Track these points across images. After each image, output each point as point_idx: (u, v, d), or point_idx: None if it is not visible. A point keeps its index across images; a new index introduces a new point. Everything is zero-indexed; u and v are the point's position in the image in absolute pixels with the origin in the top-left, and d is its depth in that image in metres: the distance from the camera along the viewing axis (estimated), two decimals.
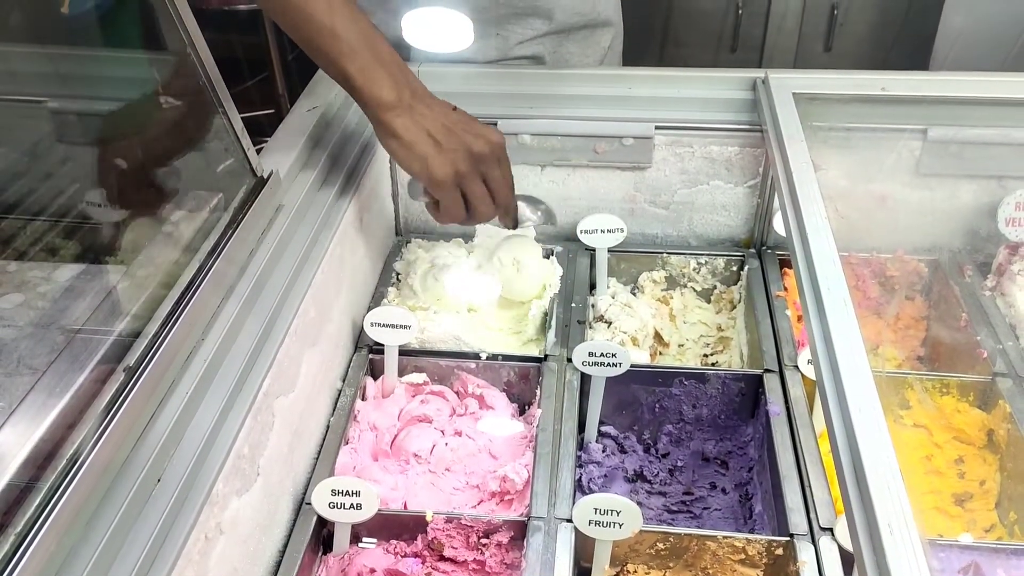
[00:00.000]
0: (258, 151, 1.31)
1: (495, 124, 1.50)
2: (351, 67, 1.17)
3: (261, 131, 2.35)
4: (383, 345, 1.30)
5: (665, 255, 1.57)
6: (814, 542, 1.05)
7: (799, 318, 1.38)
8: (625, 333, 1.43)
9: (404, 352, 1.33)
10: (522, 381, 1.36)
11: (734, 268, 1.56)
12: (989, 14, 2.45)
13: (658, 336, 1.49)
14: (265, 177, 1.19)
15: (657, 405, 1.36)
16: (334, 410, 1.27)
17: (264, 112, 3.28)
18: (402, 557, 1.12)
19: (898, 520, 0.74)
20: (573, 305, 1.45)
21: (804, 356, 1.28)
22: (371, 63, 1.18)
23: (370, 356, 1.35)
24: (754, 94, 1.46)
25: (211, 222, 1.12)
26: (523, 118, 1.51)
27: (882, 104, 1.41)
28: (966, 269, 1.43)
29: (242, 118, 1.18)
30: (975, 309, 1.36)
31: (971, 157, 1.41)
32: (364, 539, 1.14)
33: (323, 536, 1.12)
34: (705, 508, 1.27)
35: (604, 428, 1.35)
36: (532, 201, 1.38)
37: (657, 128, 1.49)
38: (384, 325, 1.29)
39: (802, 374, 1.28)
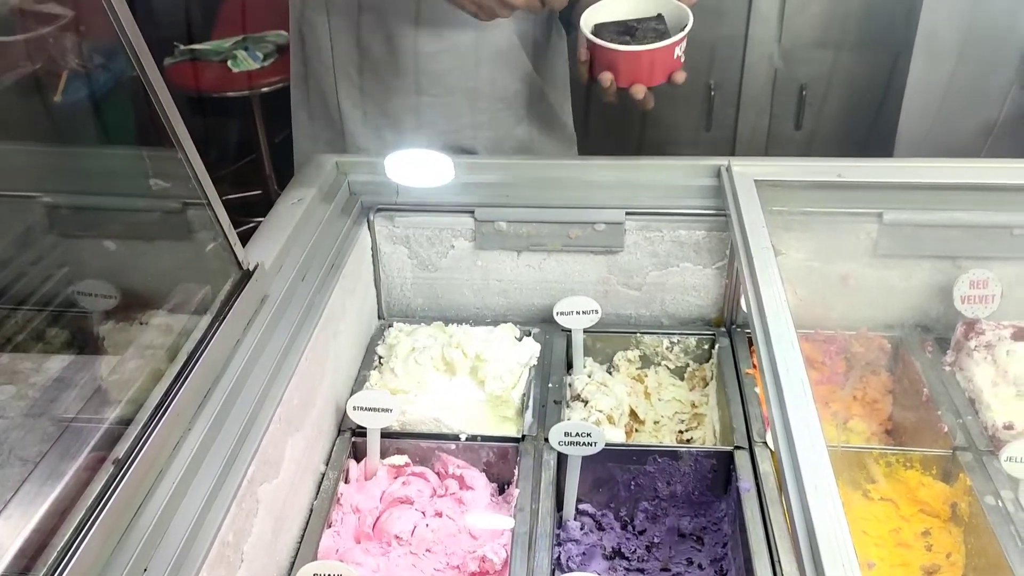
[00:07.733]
0: (248, 233, 1.36)
1: (472, 212, 1.57)
2: None
3: (250, 212, 2.43)
4: (366, 428, 1.34)
5: (639, 335, 1.62)
6: None
7: None
8: (601, 412, 1.47)
9: (386, 434, 1.37)
10: (501, 461, 1.39)
11: (706, 346, 1.61)
12: (952, 107, 2.51)
13: (633, 414, 1.53)
14: (251, 270, 1.24)
15: (633, 482, 1.39)
16: (317, 493, 1.30)
17: (252, 193, 3.39)
18: None
19: None
20: (550, 385, 1.49)
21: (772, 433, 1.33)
22: None
23: (353, 439, 1.39)
24: (719, 181, 1.53)
25: (198, 314, 1.16)
26: (499, 206, 1.57)
27: (840, 189, 1.48)
28: (927, 345, 1.49)
29: (231, 199, 1.24)
30: (936, 384, 1.42)
31: (926, 239, 1.48)
32: None
33: None
34: None
35: (582, 506, 1.38)
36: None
37: (627, 214, 1.56)
38: (366, 409, 1.33)
39: (771, 450, 1.32)
